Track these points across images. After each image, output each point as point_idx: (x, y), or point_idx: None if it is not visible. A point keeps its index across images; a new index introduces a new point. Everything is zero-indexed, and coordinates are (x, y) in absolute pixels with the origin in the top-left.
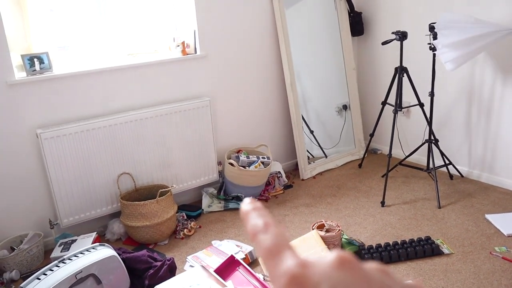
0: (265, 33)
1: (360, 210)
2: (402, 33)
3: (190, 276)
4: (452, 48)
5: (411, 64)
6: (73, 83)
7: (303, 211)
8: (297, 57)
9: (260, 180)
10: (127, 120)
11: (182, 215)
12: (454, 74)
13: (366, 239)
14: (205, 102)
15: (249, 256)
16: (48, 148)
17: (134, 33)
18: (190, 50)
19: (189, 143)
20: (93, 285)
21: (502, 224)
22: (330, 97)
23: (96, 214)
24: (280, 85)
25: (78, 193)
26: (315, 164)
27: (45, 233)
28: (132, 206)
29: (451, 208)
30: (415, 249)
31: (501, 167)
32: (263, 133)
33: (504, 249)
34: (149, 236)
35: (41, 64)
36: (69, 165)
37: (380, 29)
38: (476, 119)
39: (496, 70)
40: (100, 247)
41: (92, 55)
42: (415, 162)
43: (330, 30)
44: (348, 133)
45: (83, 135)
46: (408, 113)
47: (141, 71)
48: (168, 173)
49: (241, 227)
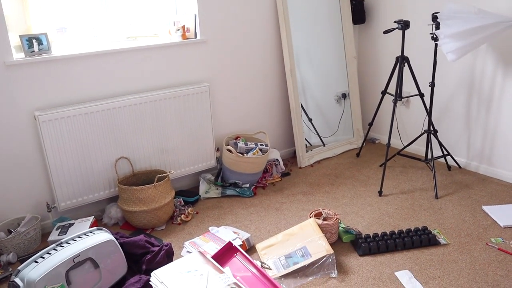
0: (266, 19)
1: (357, 199)
2: (405, 22)
3: (188, 262)
4: (454, 39)
5: (412, 53)
6: (72, 66)
7: (301, 199)
8: (297, 44)
9: (258, 167)
10: (126, 104)
11: (180, 200)
12: (455, 65)
13: (363, 228)
14: (204, 87)
15: (246, 243)
16: (46, 131)
17: (134, 16)
18: (190, 34)
19: (187, 129)
20: (90, 269)
21: (498, 215)
22: (329, 85)
23: (93, 198)
24: (279, 72)
25: (76, 177)
26: (313, 152)
27: (43, 216)
28: (129, 191)
29: (448, 198)
30: (411, 238)
31: (499, 159)
32: (261, 120)
33: (500, 240)
34: (146, 221)
35: (40, 45)
36: (67, 148)
37: (382, 18)
38: (475, 110)
39: (497, 62)
40: (97, 231)
41: (91, 38)
42: (414, 152)
43: (331, 17)
44: (347, 122)
45: (81, 118)
46: (407, 103)
47: (140, 55)
48: (166, 159)
49: (238, 214)
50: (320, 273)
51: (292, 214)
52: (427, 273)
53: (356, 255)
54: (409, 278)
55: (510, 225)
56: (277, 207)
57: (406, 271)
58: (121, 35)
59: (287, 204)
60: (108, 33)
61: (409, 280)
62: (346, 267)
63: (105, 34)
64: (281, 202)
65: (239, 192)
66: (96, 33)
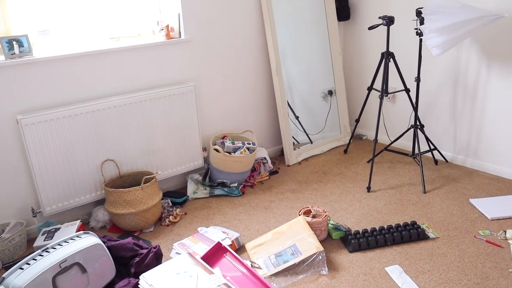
0: (251, 17)
1: (346, 195)
2: (389, 18)
3: (177, 264)
4: (438, 33)
5: (397, 49)
6: (55, 68)
7: (289, 197)
8: (282, 42)
9: (245, 166)
10: (110, 105)
11: (167, 202)
12: (440, 60)
13: (353, 224)
14: (189, 87)
15: (236, 243)
16: (29, 135)
17: (117, 17)
18: (175, 34)
19: (173, 129)
20: (78, 274)
21: (486, 208)
22: (315, 83)
23: (80, 202)
24: (265, 70)
25: (61, 180)
26: (300, 150)
27: (28, 222)
28: (116, 193)
29: (436, 193)
30: (401, 233)
31: (485, 152)
32: (248, 118)
33: (488, 233)
34: (134, 223)
35: (21, 47)
36: (51, 151)
37: (367, 14)
38: (461, 104)
39: (481, 56)
40: (84, 235)
41: (74, 39)
42: (401, 147)
43: (316, 14)
44: (334, 118)
45: (65, 121)
46: (394, 98)
47: (124, 56)
48: (153, 160)
49: (227, 214)
50: (311, 270)
51: (281, 212)
52: (417, 268)
53: (346, 252)
54: (400, 273)
55: (497, 217)
56: (266, 206)
57: (396, 266)
58: (104, 35)
59: (276, 202)
60: (91, 34)
61: (399, 275)
62: (336, 264)
63: (88, 35)
64: (270, 201)
65: (228, 192)
66: (78, 35)
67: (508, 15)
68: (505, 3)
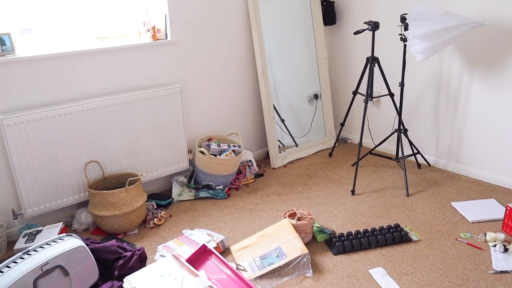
0: (238, 20)
1: (331, 198)
2: (374, 23)
3: (162, 266)
4: (422, 40)
5: (382, 54)
6: (38, 67)
7: (274, 200)
8: (269, 46)
9: (231, 168)
10: (95, 106)
11: (152, 204)
12: (423, 65)
13: (337, 227)
14: (175, 89)
15: (221, 245)
16: (10, 135)
17: (103, 17)
18: (161, 35)
19: (159, 131)
20: (60, 277)
21: (467, 211)
22: (301, 86)
23: (62, 204)
24: (251, 73)
25: (43, 182)
26: (286, 153)
27: (8, 224)
28: (100, 195)
29: (419, 196)
30: (384, 236)
31: (467, 156)
32: (234, 121)
33: (469, 235)
34: (118, 225)
35: (3, 46)
36: (34, 152)
37: (352, 19)
38: (443, 109)
39: (463, 62)
40: (67, 237)
41: (58, 38)
42: (385, 151)
43: (302, 18)
44: (319, 122)
45: (48, 121)
46: (378, 103)
47: (109, 56)
48: (138, 161)
49: (212, 216)
50: (296, 273)
51: (266, 215)
52: (400, 270)
53: (330, 254)
54: (383, 275)
55: (477, 220)
56: (251, 208)
57: (379, 268)
58: (90, 36)
59: (261, 205)
60: (75, 33)
61: (382, 277)
62: (321, 266)
63: (72, 35)
64: (255, 203)
65: (213, 194)
66: (63, 34)
67: (489, 23)
68: (487, 11)
